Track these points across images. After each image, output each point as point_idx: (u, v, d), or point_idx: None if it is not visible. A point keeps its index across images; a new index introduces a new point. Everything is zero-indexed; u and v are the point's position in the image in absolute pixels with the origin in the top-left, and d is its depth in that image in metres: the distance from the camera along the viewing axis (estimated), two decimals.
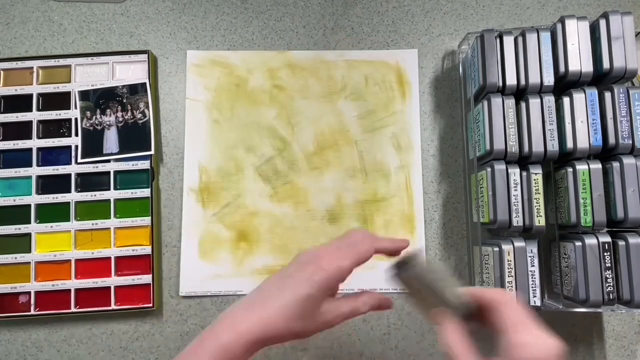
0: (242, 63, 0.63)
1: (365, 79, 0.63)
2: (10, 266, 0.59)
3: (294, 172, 0.61)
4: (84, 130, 0.61)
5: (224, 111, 0.62)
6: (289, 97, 0.63)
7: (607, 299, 0.49)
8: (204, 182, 0.61)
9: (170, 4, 0.64)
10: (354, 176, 0.61)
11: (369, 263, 0.38)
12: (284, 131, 0.62)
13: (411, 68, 0.63)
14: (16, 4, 0.64)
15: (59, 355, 0.59)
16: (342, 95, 0.63)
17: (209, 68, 0.63)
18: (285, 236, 0.60)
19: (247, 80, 0.63)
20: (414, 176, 0.61)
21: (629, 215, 0.49)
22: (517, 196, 0.51)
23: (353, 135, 0.62)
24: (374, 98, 0.62)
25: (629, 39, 0.51)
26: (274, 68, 0.63)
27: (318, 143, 0.62)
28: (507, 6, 0.64)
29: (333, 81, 0.63)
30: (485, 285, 0.53)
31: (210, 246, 0.60)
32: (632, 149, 0.50)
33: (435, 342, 0.59)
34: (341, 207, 0.61)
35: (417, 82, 0.63)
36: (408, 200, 0.61)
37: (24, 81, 0.62)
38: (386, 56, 0.63)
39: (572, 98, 0.51)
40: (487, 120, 0.52)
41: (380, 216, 0.61)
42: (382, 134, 0.62)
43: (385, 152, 0.62)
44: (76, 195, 0.60)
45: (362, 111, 0.62)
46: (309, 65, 0.63)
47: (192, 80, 0.63)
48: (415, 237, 0.60)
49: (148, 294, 0.58)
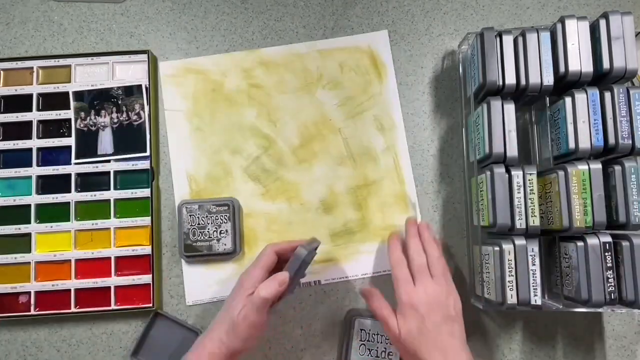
0: (215, 67, 0.63)
1: (340, 66, 0.63)
2: (10, 266, 0.59)
3: (283, 167, 0.62)
4: (78, 131, 0.61)
5: (205, 117, 0.62)
6: (266, 94, 0.63)
7: (609, 299, 0.49)
8: (195, 190, 0.61)
9: (170, 4, 0.64)
10: (343, 163, 0.62)
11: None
12: (267, 129, 0.62)
13: (383, 49, 0.63)
14: (16, 4, 0.64)
15: (59, 355, 0.58)
16: (319, 85, 0.63)
17: (183, 77, 0.63)
18: (283, 232, 0.60)
19: (223, 84, 0.63)
20: (401, 154, 0.62)
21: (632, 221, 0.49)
22: (520, 198, 0.51)
23: (336, 123, 0.62)
24: (351, 84, 0.63)
25: (629, 39, 0.51)
26: (247, 68, 0.63)
27: (302, 136, 0.62)
28: (507, 6, 0.64)
29: (308, 73, 0.63)
30: (486, 285, 0.53)
31: None
32: (632, 149, 0.50)
33: None
34: (334, 196, 0.61)
35: (392, 62, 0.63)
36: (398, 179, 0.61)
37: (24, 81, 0.62)
38: (357, 41, 0.64)
39: (573, 98, 0.51)
40: (487, 123, 0.52)
41: (373, 199, 0.61)
42: (364, 118, 0.62)
43: (370, 135, 0.62)
44: (76, 195, 0.60)
45: (341, 98, 0.63)
46: (282, 60, 0.63)
47: (169, 90, 0.63)
48: (410, 214, 0.61)
49: (148, 294, 0.58)
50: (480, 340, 0.59)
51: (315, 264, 0.59)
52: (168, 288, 0.60)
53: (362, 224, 0.61)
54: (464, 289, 0.59)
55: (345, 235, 0.60)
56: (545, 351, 0.59)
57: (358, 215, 0.61)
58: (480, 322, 0.59)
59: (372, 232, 0.60)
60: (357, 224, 0.61)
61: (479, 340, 0.59)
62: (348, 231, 0.61)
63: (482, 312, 0.59)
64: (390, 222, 0.61)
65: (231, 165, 0.61)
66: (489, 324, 0.59)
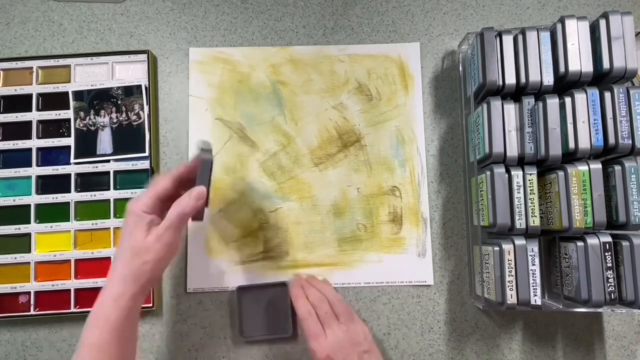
0: (244, 59, 0.63)
1: (368, 73, 0.63)
2: (10, 266, 0.59)
3: (299, 167, 0.62)
4: (78, 131, 0.60)
5: (228, 107, 0.62)
6: (292, 92, 0.63)
7: (609, 299, 0.49)
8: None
9: (170, 4, 0.64)
10: (359, 170, 0.62)
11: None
12: (288, 127, 0.62)
13: (413, 61, 0.63)
14: (16, 4, 0.64)
15: (59, 355, 0.58)
16: (345, 89, 0.63)
17: (211, 65, 0.63)
18: (291, 231, 0.60)
19: (250, 76, 0.63)
20: (418, 169, 0.61)
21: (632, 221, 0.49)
22: (520, 198, 0.51)
23: (357, 129, 0.62)
24: (377, 92, 0.63)
25: (629, 39, 0.51)
26: (276, 64, 0.63)
27: (322, 137, 0.62)
28: (507, 6, 0.64)
29: (336, 76, 0.63)
30: (486, 285, 0.53)
31: (216, 242, 0.60)
32: (632, 149, 0.50)
33: (435, 342, 0.59)
34: (346, 201, 0.61)
35: (420, 75, 0.63)
36: (413, 193, 0.61)
37: (23, 81, 0.62)
38: (388, 50, 0.63)
39: (573, 98, 0.51)
40: (487, 123, 0.52)
41: (385, 209, 0.61)
42: (385, 128, 0.62)
43: (389, 145, 0.62)
44: (76, 195, 0.60)
45: (365, 105, 0.62)
46: (311, 61, 0.63)
47: (195, 77, 0.63)
48: (420, 230, 0.60)
49: (148, 294, 0.58)
50: (480, 340, 0.59)
51: (319, 267, 0.60)
52: (168, 288, 0.60)
53: (371, 232, 0.60)
54: (464, 289, 0.59)
55: (352, 242, 0.60)
56: (545, 351, 0.59)
57: (368, 223, 0.61)
58: (480, 322, 0.59)
59: (380, 242, 0.60)
60: (365, 232, 0.61)
61: (479, 340, 0.59)
62: (356, 238, 0.60)
63: (482, 312, 0.59)
64: (401, 235, 0.60)
65: (248, 158, 0.62)
66: (489, 324, 0.59)
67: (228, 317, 0.59)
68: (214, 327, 0.59)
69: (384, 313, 0.59)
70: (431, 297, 0.59)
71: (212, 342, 0.59)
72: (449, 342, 0.59)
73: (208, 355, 0.58)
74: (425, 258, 0.60)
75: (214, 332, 0.59)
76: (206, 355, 0.58)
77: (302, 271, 0.59)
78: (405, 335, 0.59)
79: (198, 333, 0.59)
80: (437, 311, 0.59)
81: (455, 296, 0.60)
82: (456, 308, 0.59)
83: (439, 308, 0.59)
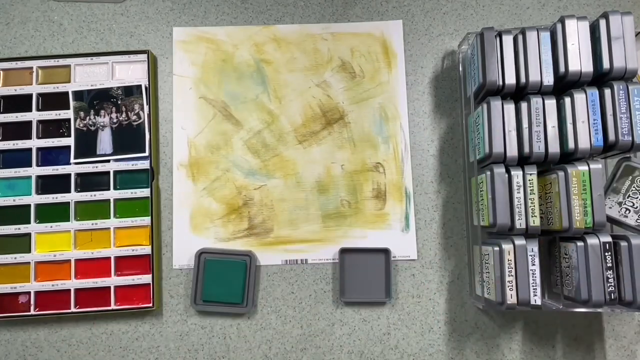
0: (228, 38, 0.64)
1: (351, 50, 0.63)
2: (10, 266, 0.59)
3: (283, 144, 0.62)
4: (78, 131, 0.61)
5: (212, 86, 0.63)
6: (275, 70, 0.63)
7: (609, 299, 0.49)
8: (194, 156, 0.61)
9: (170, 4, 0.64)
10: (342, 147, 0.62)
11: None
12: (272, 105, 0.63)
13: (396, 39, 0.64)
14: (16, 4, 0.64)
15: (59, 355, 0.58)
16: (329, 67, 0.63)
17: (195, 44, 0.63)
18: (275, 207, 0.61)
19: (234, 55, 0.63)
20: (401, 145, 0.62)
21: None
22: (520, 198, 0.51)
23: (340, 106, 0.63)
24: (360, 69, 0.63)
25: (629, 39, 0.51)
26: (259, 42, 0.64)
27: (306, 115, 0.63)
28: (507, 6, 0.64)
29: (319, 54, 0.63)
30: (486, 285, 0.53)
31: (201, 220, 0.60)
32: (631, 146, 0.50)
33: (435, 342, 0.59)
34: (330, 178, 0.61)
35: (403, 53, 0.63)
36: (397, 169, 0.61)
37: (23, 81, 0.62)
38: (371, 28, 0.64)
39: (573, 98, 0.51)
40: (487, 123, 0.52)
41: (368, 185, 0.61)
42: (369, 105, 0.63)
43: (373, 122, 0.62)
44: (76, 195, 0.60)
45: (348, 83, 0.63)
46: (295, 39, 0.64)
47: (179, 56, 0.63)
48: (404, 206, 0.61)
49: (148, 294, 0.58)
50: (480, 340, 0.59)
51: (304, 243, 0.60)
52: (168, 288, 0.60)
53: (355, 208, 0.61)
54: (464, 289, 0.60)
55: (336, 218, 0.61)
56: (545, 351, 0.59)
57: (352, 199, 0.61)
58: (480, 322, 0.59)
59: (364, 218, 0.61)
60: (350, 208, 0.61)
61: (479, 340, 0.59)
62: (340, 214, 0.61)
63: (482, 312, 0.59)
64: (385, 211, 0.61)
65: (232, 136, 0.62)
66: (489, 324, 0.59)
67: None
68: (214, 327, 0.59)
69: (384, 313, 0.59)
70: (431, 297, 0.59)
71: (213, 341, 0.59)
72: (449, 342, 0.59)
73: (208, 355, 0.58)
74: (409, 233, 0.60)
75: (214, 332, 0.59)
76: (206, 355, 0.58)
77: (286, 247, 0.60)
78: (405, 335, 0.59)
79: (198, 333, 0.59)
80: (437, 311, 0.59)
81: (455, 296, 0.60)
82: (456, 308, 0.59)
83: (438, 308, 0.59)
